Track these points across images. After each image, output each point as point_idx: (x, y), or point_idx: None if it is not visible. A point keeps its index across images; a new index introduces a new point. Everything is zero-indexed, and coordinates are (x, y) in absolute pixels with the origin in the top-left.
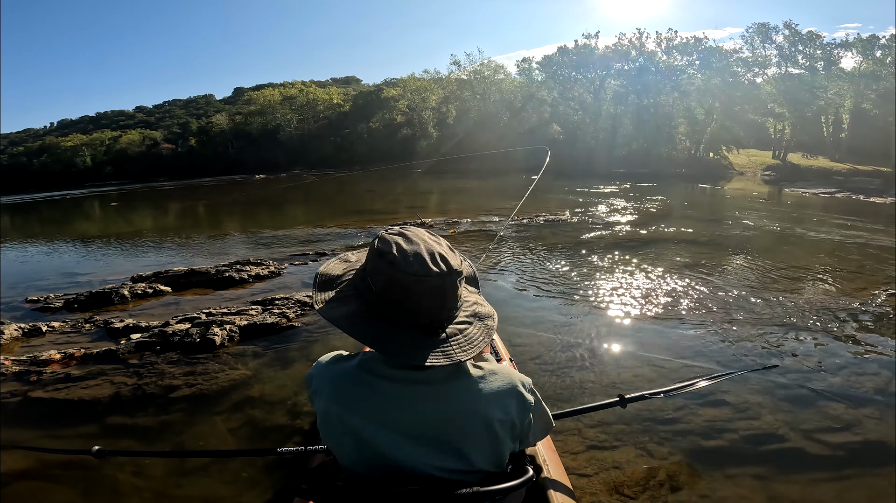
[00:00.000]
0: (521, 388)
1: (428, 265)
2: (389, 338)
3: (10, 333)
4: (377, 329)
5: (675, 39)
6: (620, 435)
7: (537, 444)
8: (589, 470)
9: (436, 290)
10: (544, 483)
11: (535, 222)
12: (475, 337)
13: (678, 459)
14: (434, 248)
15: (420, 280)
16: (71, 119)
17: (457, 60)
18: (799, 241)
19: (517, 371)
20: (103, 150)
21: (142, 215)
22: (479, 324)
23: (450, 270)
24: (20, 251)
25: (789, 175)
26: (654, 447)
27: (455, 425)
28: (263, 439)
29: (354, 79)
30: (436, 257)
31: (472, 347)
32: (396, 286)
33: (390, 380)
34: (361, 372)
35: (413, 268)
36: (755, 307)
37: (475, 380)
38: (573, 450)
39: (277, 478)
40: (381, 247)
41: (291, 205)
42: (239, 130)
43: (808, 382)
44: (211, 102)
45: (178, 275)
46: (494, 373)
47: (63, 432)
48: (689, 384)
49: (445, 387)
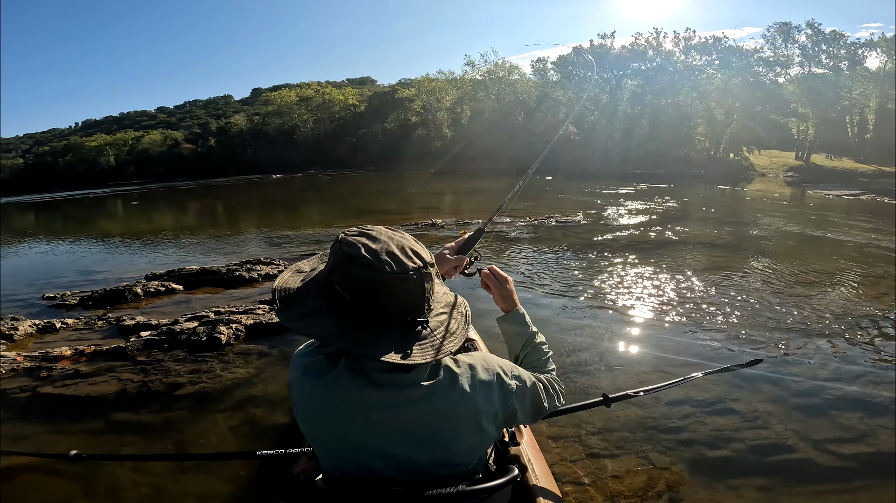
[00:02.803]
0: (503, 375)
1: (403, 262)
2: (375, 342)
3: (24, 330)
4: (361, 336)
5: (694, 39)
6: (622, 442)
7: (521, 444)
8: (587, 478)
9: (416, 286)
10: (529, 482)
11: (547, 223)
12: (456, 326)
13: (680, 469)
14: (402, 242)
15: (401, 278)
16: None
17: (471, 61)
18: (820, 244)
19: (495, 356)
20: (126, 150)
21: (161, 214)
22: (456, 314)
23: (424, 263)
24: (42, 248)
25: (812, 176)
26: (655, 456)
27: (440, 422)
28: (263, 438)
29: (370, 79)
30: (408, 252)
31: (456, 337)
32: (376, 288)
33: (379, 383)
34: (343, 372)
35: (391, 266)
36: (772, 312)
37: (457, 374)
38: (572, 457)
39: (261, 480)
40: (348, 251)
41: (306, 204)
42: (256, 131)
43: (823, 391)
44: (230, 103)
45: (190, 274)
46: (474, 366)
47: (68, 428)
48: (673, 384)
49: (433, 385)
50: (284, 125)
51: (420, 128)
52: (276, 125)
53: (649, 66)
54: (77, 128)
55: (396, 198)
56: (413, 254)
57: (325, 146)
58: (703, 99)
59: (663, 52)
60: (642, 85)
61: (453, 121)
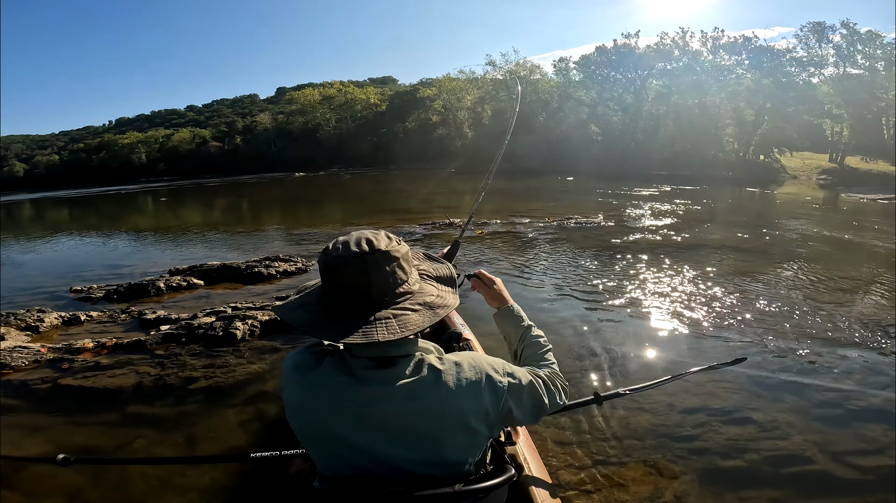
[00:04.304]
0: (493, 373)
1: (350, 247)
2: (337, 324)
3: (50, 322)
4: (327, 319)
5: (722, 38)
6: (631, 450)
7: (518, 444)
8: (591, 486)
9: (356, 270)
10: (526, 482)
11: (567, 225)
12: (411, 320)
13: (689, 479)
14: (364, 235)
15: (342, 260)
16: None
17: (492, 60)
18: (852, 249)
19: (486, 355)
20: (157, 148)
21: (188, 210)
22: (425, 310)
23: (371, 250)
24: (74, 242)
25: (846, 179)
26: (665, 465)
27: (428, 421)
28: (272, 433)
29: (391, 79)
30: (361, 241)
31: (403, 330)
32: (323, 270)
33: (359, 378)
34: (327, 368)
35: (337, 251)
36: (797, 319)
37: (441, 371)
38: (578, 463)
39: (256, 481)
40: (327, 244)
41: (328, 202)
42: (281, 129)
43: (847, 401)
44: (255, 102)
45: (210, 270)
46: (460, 364)
47: (84, 419)
48: (664, 381)
49: (416, 382)
50: (308, 124)
51: (441, 127)
52: (300, 124)
53: (675, 66)
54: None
55: (417, 196)
56: (366, 242)
57: (346, 145)
58: (731, 99)
59: (690, 52)
60: (668, 85)
61: (474, 120)
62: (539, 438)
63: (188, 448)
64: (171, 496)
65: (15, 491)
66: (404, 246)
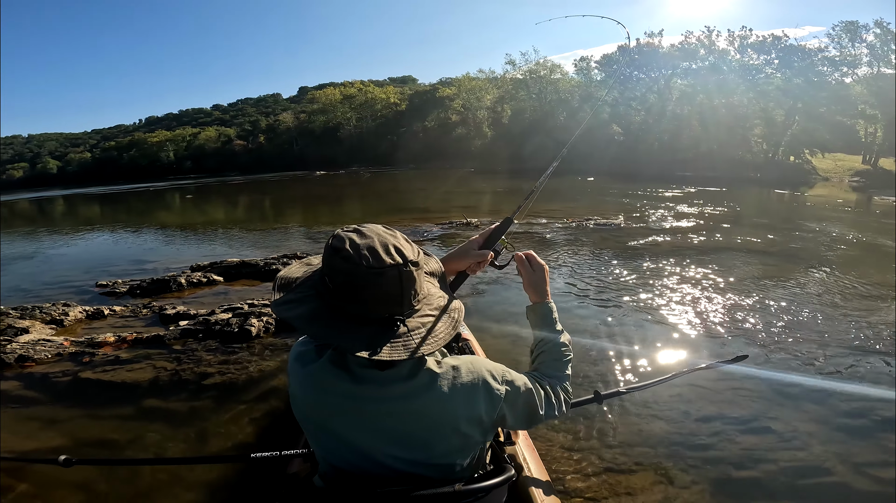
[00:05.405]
0: (491, 380)
1: (381, 257)
2: (347, 334)
3: (74, 315)
4: (334, 326)
5: (750, 37)
6: (641, 458)
7: (517, 444)
8: (599, 494)
9: (392, 282)
10: (525, 482)
11: (586, 226)
12: (439, 330)
13: (701, 488)
14: (388, 240)
15: (376, 272)
16: (157, 116)
17: (512, 60)
18: (884, 254)
19: (486, 360)
20: (184, 146)
21: (212, 207)
22: (445, 317)
23: (405, 261)
24: (103, 238)
25: (880, 181)
26: (676, 474)
27: (415, 422)
28: (280, 429)
29: (411, 78)
30: (390, 249)
31: (436, 341)
32: (352, 280)
33: (356, 376)
34: (326, 363)
35: (368, 261)
36: (821, 325)
37: (437, 375)
38: (587, 471)
39: (256, 481)
40: (335, 243)
41: (347, 200)
42: (303, 128)
43: (872, 412)
44: (278, 101)
45: (230, 266)
46: (458, 369)
47: (101, 412)
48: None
49: (411, 384)
50: (329, 123)
51: (460, 126)
52: (321, 123)
53: (701, 66)
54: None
55: (435, 195)
56: (395, 251)
57: (367, 144)
58: (760, 99)
59: (717, 51)
60: (693, 84)
61: (493, 120)
62: (546, 442)
63: (198, 444)
64: (173, 495)
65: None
66: (415, 246)
